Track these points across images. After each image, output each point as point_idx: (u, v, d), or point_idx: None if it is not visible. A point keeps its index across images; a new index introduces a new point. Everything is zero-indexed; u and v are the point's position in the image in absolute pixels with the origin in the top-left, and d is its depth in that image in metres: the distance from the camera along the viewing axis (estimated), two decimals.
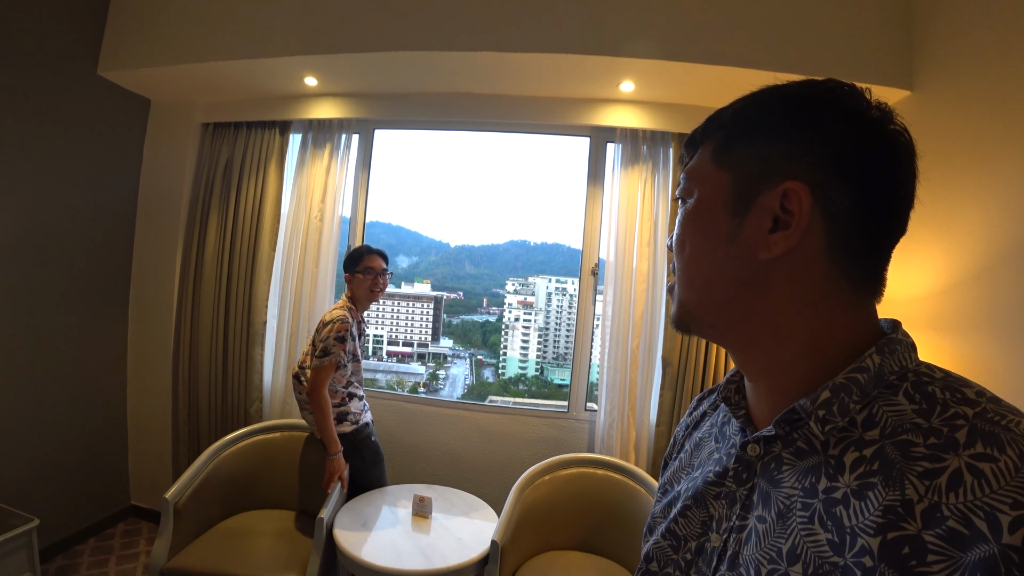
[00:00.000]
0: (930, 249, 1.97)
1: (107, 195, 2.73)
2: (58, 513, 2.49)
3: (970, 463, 0.35)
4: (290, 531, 2.14)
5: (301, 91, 2.69)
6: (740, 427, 0.53)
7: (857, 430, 0.42)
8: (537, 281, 3.72)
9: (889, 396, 0.42)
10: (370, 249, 2.27)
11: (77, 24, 2.46)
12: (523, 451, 2.62)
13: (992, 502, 0.32)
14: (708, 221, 0.49)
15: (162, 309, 2.85)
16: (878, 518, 0.36)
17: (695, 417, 0.67)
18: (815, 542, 0.39)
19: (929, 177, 1.69)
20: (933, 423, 0.38)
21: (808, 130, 0.45)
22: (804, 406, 0.43)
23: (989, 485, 0.33)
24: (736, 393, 0.55)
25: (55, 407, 2.52)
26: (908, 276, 2.07)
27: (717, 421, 0.61)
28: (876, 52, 2.07)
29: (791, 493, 0.43)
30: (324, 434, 2.08)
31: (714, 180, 0.49)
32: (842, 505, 0.39)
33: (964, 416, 0.37)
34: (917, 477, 0.36)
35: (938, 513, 0.34)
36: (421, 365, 3.70)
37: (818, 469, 0.42)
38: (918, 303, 2.01)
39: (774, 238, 0.45)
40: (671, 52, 2.05)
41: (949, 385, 0.40)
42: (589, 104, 2.52)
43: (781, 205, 0.44)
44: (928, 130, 2.02)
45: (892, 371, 0.43)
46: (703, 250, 0.49)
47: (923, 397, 0.40)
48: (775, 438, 0.46)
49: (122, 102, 2.74)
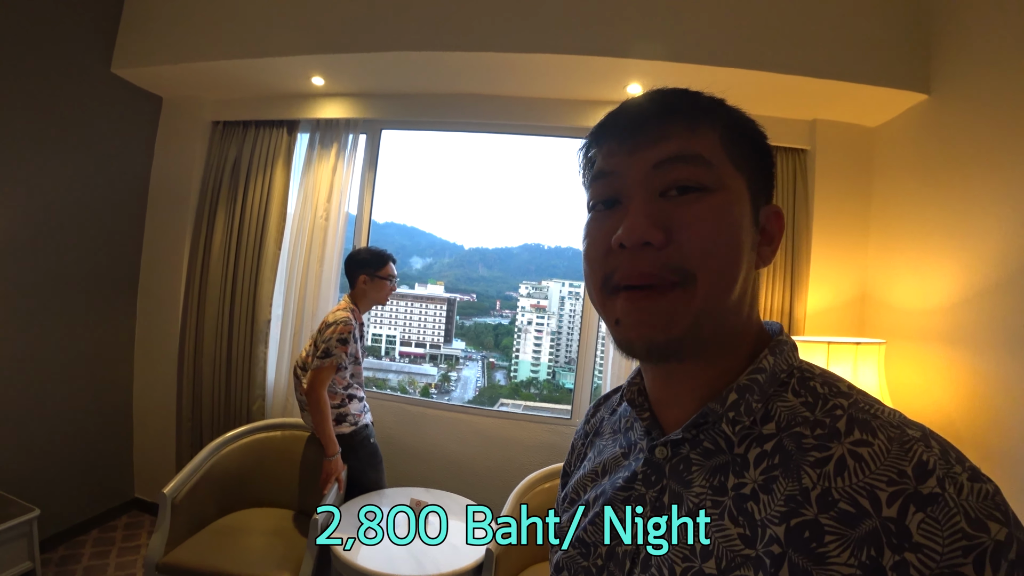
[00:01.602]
0: (945, 259, 1.90)
1: (118, 190, 2.77)
2: (62, 503, 2.51)
3: (851, 449, 0.38)
4: (286, 530, 2.12)
5: (308, 90, 2.70)
6: (645, 430, 0.52)
7: (757, 427, 0.44)
8: (550, 285, 3.74)
9: (781, 393, 0.45)
10: (390, 255, 2.27)
11: (91, 23, 2.50)
12: (523, 456, 2.58)
13: (872, 482, 0.36)
14: (742, 224, 0.45)
15: (169, 304, 2.88)
16: (781, 507, 0.39)
17: (593, 424, 0.67)
18: (726, 537, 0.41)
19: (945, 183, 1.62)
20: (817, 415, 0.42)
21: (772, 160, 0.51)
22: (714, 409, 0.45)
23: (868, 467, 0.37)
24: (639, 395, 0.54)
25: (62, 398, 2.55)
26: (921, 286, 2.00)
27: (619, 427, 0.60)
28: (893, 55, 2.01)
29: (700, 492, 0.45)
30: (322, 434, 2.07)
31: (735, 182, 0.45)
32: (752, 500, 0.41)
33: (841, 407, 0.42)
34: (810, 466, 0.39)
35: (829, 497, 0.37)
36: (433, 366, 3.72)
37: (726, 468, 0.44)
38: (932, 315, 1.93)
39: (769, 251, 0.48)
40: (678, 54, 2.01)
41: (827, 380, 0.45)
42: (596, 106, 2.48)
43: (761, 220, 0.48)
44: (945, 135, 1.95)
45: (782, 370, 0.46)
46: (738, 257, 0.44)
47: (807, 392, 0.44)
48: (682, 441, 0.47)
49: (134, 99, 2.78)
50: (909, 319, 2.05)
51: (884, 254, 2.26)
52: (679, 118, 0.45)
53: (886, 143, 2.30)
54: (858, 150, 2.37)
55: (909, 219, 2.12)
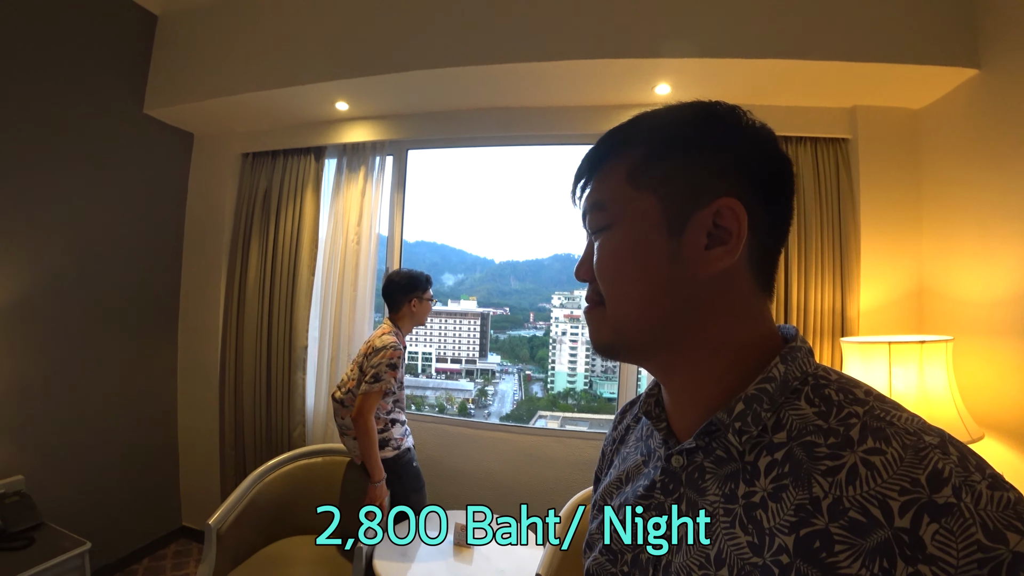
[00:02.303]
0: (1013, 246, 1.76)
1: (156, 226, 2.85)
2: (112, 534, 2.56)
3: (863, 457, 0.37)
4: (331, 559, 2.10)
5: (334, 116, 2.73)
6: (663, 439, 0.54)
7: (768, 435, 0.44)
8: (583, 294, 3.65)
9: (793, 401, 0.44)
10: (428, 275, 2.28)
11: (123, 69, 2.61)
12: (570, 475, 2.50)
13: (884, 491, 0.35)
14: (643, 244, 0.49)
15: (209, 334, 2.93)
16: (791, 517, 0.39)
17: (620, 431, 0.68)
18: (736, 545, 0.41)
19: (1003, 163, 1.48)
20: (831, 424, 0.41)
21: (730, 148, 0.48)
22: (721, 419, 0.45)
23: (880, 476, 0.36)
24: (656, 406, 0.56)
25: (109, 431, 2.60)
26: (991, 277, 1.85)
27: (642, 435, 0.62)
28: (936, 30, 1.89)
29: (713, 500, 0.45)
30: (369, 460, 2.04)
31: (637, 204, 0.49)
32: (761, 508, 0.41)
33: (856, 415, 0.41)
34: (821, 475, 0.39)
35: (840, 506, 0.37)
36: (469, 381, 3.71)
37: (736, 475, 0.44)
38: (1001, 307, 1.79)
39: (714, 254, 0.46)
40: (709, 49, 1.93)
41: (842, 387, 0.44)
42: (625, 110, 2.42)
43: (714, 222, 0.46)
44: (1000, 112, 1.81)
45: (795, 377, 0.45)
46: (640, 275, 0.49)
47: (821, 400, 0.43)
48: (696, 449, 0.48)
49: (167, 137, 2.87)
50: (975, 312, 1.91)
51: (941, 244, 2.11)
52: (590, 172, 0.54)
53: (934, 125, 2.17)
54: (903, 135, 2.24)
55: (966, 204, 1.98)
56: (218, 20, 2.58)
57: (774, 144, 0.49)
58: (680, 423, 0.53)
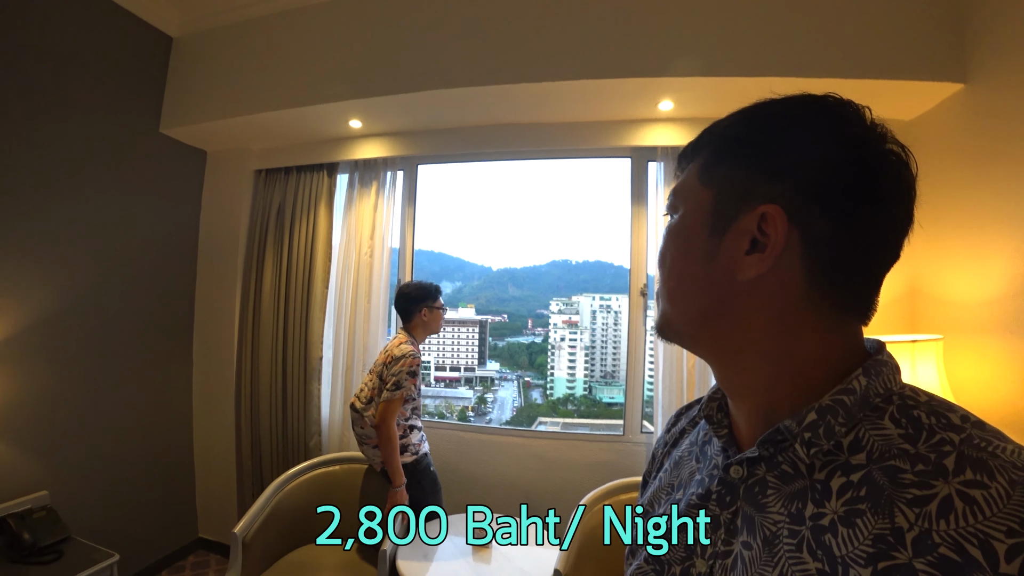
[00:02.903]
0: (1003, 247, 1.86)
1: (171, 242, 2.91)
2: (132, 548, 2.58)
3: (960, 490, 0.34)
4: (353, 563, 2.16)
5: (347, 133, 2.81)
6: (722, 447, 0.52)
7: (843, 454, 0.41)
8: (581, 300, 3.75)
9: (875, 419, 0.41)
10: (438, 286, 2.37)
11: (140, 90, 2.67)
12: (581, 477, 2.58)
13: (986, 529, 0.32)
14: (689, 238, 0.49)
15: (224, 348, 2.98)
16: (868, 547, 0.35)
17: (674, 434, 0.66)
18: (804, 571, 0.38)
19: (991, 169, 1.60)
20: (920, 449, 0.38)
21: (791, 152, 0.44)
22: (789, 427, 0.42)
23: (982, 512, 0.32)
24: (719, 411, 0.54)
25: (127, 445, 2.64)
26: (980, 277, 1.96)
27: (697, 440, 0.59)
28: (926, 47, 2.00)
29: (777, 519, 0.42)
30: (390, 466, 2.11)
31: (698, 197, 0.49)
32: (830, 533, 0.38)
33: (951, 442, 0.37)
34: (907, 504, 0.35)
35: (929, 540, 0.33)
36: (469, 389, 3.73)
37: (804, 494, 0.41)
38: (992, 306, 1.90)
39: (749, 260, 0.45)
40: (710, 67, 2.04)
41: (934, 410, 0.40)
42: (628, 125, 2.53)
43: (759, 227, 0.44)
44: (985, 125, 1.93)
45: (878, 393, 0.42)
46: (682, 266, 0.49)
47: (909, 422, 0.40)
48: (759, 460, 0.46)
49: (181, 155, 2.94)
50: (966, 312, 2.01)
51: (933, 246, 2.22)
52: (682, 161, 0.54)
53: (924, 135, 2.28)
54: None
55: (955, 209, 2.09)
56: (232, 42, 2.66)
57: (868, 152, 0.43)
58: (742, 431, 0.50)
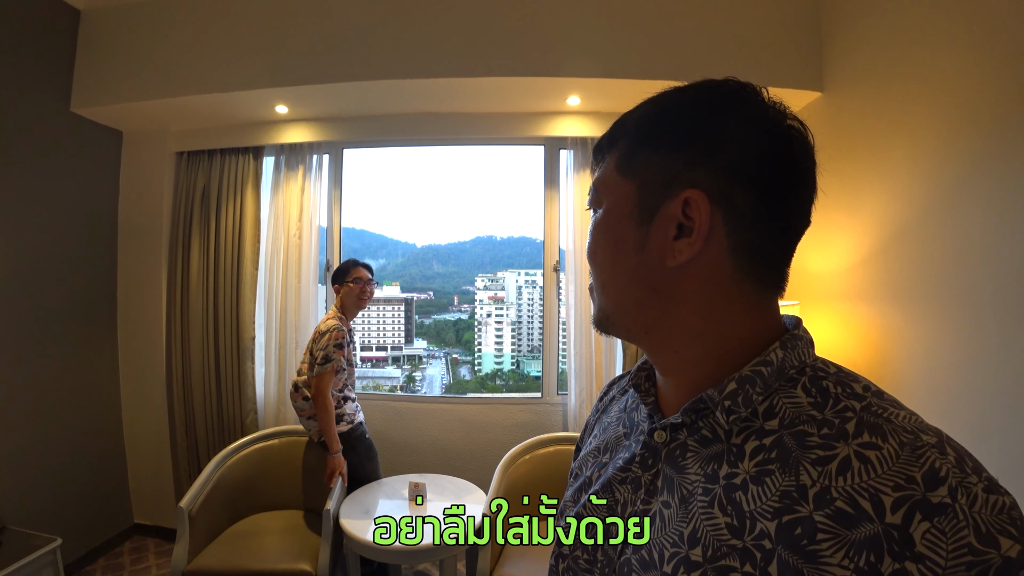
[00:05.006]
0: (843, 230, 2.27)
1: (88, 226, 2.82)
2: (68, 537, 2.52)
3: (858, 451, 0.37)
4: (298, 527, 2.31)
5: (272, 118, 2.84)
6: (648, 414, 0.54)
7: (758, 420, 0.43)
8: (506, 275, 3.75)
9: (789, 389, 0.44)
10: (356, 262, 2.47)
11: (46, 65, 2.54)
12: (504, 436, 2.86)
13: (877, 484, 0.35)
14: (616, 231, 0.49)
15: (151, 332, 2.97)
16: (775, 503, 0.39)
17: (605, 402, 0.69)
18: (714, 526, 0.41)
19: (840, 168, 2.02)
20: (826, 415, 0.41)
21: (707, 136, 0.45)
22: (711, 396, 0.45)
23: (874, 469, 0.36)
24: (647, 381, 0.56)
25: (54, 433, 2.60)
26: (826, 254, 2.37)
27: (626, 407, 0.61)
28: (790, 58, 2.35)
29: (694, 479, 0.45)
30: (327, 434, 2.27)
31: (620, 189, 0.49)
32: (741, 491, 0.41)
33: (853, 409, 0.40)
34: (811, 464, 0.39)
35: (828, 495, 0.37)
36: (397, 368, 3.71)
37: (720, 456, 0.44)
38: (835, 277, 2.31)
39: (678, 245, 0.45)
40: (610, 70, 2.31)
41: (841, 380, 0.43)
42: (541, 117, 2.76)
43: (684, 212, 0.45)
44: (837, 128, 2.29)
45: (792, 365, 0.45)
46: (614, 259, 0.50)
47: (818, 391, 0.43)
48: (681, 425, 0.48)
49: (95, 135, 2.83)
50: (817, 281, 2.42)
51: None
52: (597, 155, 0.54)
53: None
54: None
55: None
56: (144, 19, 2.59)
57: (774, 129, 0.45)
58: (667, 400, 0.52)
